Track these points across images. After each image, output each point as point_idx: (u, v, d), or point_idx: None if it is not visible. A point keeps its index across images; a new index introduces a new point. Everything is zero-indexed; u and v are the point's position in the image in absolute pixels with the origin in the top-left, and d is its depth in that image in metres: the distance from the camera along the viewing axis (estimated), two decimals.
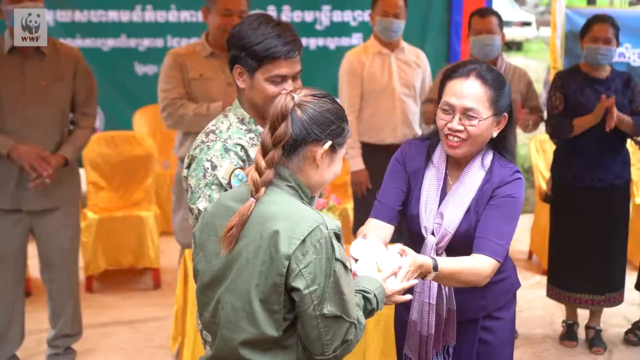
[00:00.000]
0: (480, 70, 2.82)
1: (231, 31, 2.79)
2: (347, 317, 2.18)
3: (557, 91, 4.92)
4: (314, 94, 2.30)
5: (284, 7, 7.30)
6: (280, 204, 2.22)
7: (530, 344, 5.14)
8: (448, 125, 2.79)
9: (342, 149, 2.34)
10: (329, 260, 2.15)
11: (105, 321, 5.36)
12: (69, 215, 4.51)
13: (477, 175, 2.87)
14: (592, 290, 4.96)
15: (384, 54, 5.34)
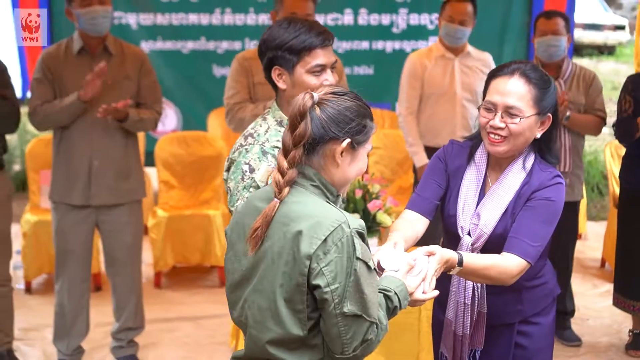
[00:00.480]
0: (524, 69, 2.80)
1: (262, 37, 2.85)
2: (368, 316, 2.19)
3: (627, 94, 4.82)
4: (334, 91, 2.32)
5: (360, 10, 7.35)
6: (304, 204, 2.24)
7: (594, 352, 5.03)
8: (490, 123, 2.79)
9: (365, 146, 2.34)
10: (350, 259, 2.17)
11: (170, 316, 5.49)
12: (133, 211, 4.64)
13: (517, 177, 2.85)
14: None
15: (447, 58, 5.34)
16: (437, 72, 5.33)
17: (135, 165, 4.63)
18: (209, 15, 7.23)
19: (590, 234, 7.25)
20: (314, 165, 2.30)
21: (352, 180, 2.37)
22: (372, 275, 2.23)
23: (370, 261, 2.23)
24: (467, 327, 2.90)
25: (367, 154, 2.38)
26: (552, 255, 5.11)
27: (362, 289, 2.17)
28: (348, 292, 2.16)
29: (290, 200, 2.26)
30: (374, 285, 2.24)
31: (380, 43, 7.42)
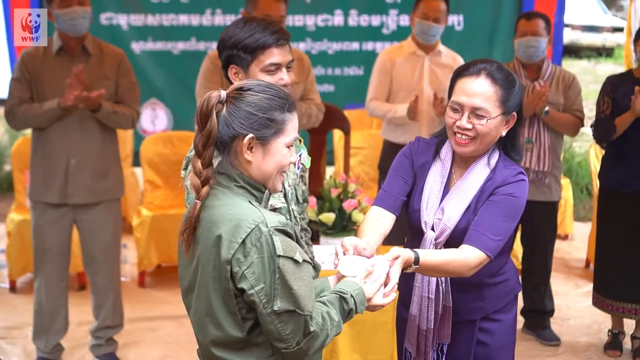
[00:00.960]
0: (490, 70, 2.81)
1: (220, 36, 2.88)
2: (301, 310, 2.20)
3: (606, 96, 4.85)
4: (240, 86, 2.29)
5: (350, 11, 7.36)
6: (225, 206, 2.24)
7: (573, 351, 5.05)
8: (457, 124, 2.81)
9: (278, 140, 2.29)
10: (272, 258, 2.18)
11: (153, 315, 5.51)
12: (111, 210, 4.67)
13: (482, 173, 2.88)
14: (637, 300, 4.84)
15: (417, 55, 5.34)
16: (406, 69, 5.33)
17: (113, 163, 4.66)
18: (199, 16, 7.25)
19: (577, 235, 7.26)
20: (234, 164, 2.29)
21: (274, 174, 2.32)
22: (302, 269, 2.22)
23: (298, 254, 2.21)
24: (431, 322, 2.93)
25: (287, 146, 2.32)
26: (530, 255, 5.20)
27: (289, 285, 2.18)
28: (275, 290, 2.18)
29: (215, 204, 2.26)
30: (305, 278, 2.23)
31: (370, 44, 7.44)
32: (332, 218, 4.34)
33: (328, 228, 4.39)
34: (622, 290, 4.86)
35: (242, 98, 2.26)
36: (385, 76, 5.34)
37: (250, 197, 2.29)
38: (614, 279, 4.90)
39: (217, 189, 2.29)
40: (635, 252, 4.80)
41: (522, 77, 4.98)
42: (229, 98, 2.26)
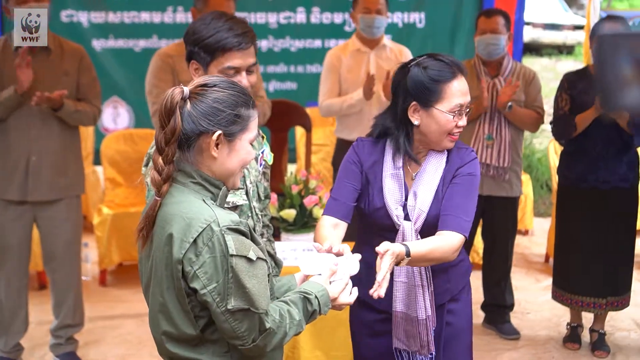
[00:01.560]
0: (460, 65, 2.90)
1: (186, 29, 2.86)
2: (256, 308, 2.19)
3: (564, 92, 4.89)
4: (205, 83, 2.27)
5: (313, 8, 7.37)
6: (178, 204, 2.23)
7: (532, 345, 5.10)
8: (459, 124, 2.89)
9: (242, 136, 2.28)
10: (224, 257, 2.16)
11: (114, 314, 5.48)
12: (71, 207, 4.64)
13: (442, 157, 2.96)
14: (595, 294, 4.89)
15: (362, 52, 5.36)
16: (352, 66, 5.34)
17: (74, 160, 4.63)
18: (161, 14, 7.21)
19: (537, 230, 7.34)
20: (192, 161, 2.27)
21: (236, 171, 2.32)
22: (255, 267, 2.21)
23: (251, 252, 2.19)
24: (429, 309, 2.96)
25: (250, 143, 2.32)
26: (491, 250, 5.25)
27: (243, 284, 2.17)
28: (229, 289, 2.16)
29: (169, 202, 2.25)
30: (259, 275, 2.22)
31: (332, 41, 7.43)
32: (293, 214, 4.36)
33: (289, 224, 4.40)
34: (580, 284, 4.92)
35: (208, 94, 2.24)
36: (335, 75, 5.35)
37: (206, 193, 2.27)
38: (572, 273, 4.96)
39: (173, 185, 2.27)
40: (593, 246, 4.86)
41: (483, 73, 5.02)
42: (192, 94, 2.24)
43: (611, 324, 5.27)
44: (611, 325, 5.27)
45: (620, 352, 5.02)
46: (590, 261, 4.87)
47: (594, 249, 4.86)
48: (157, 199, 2.25)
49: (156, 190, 2.25)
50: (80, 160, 4.74)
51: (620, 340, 5.20)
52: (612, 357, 4.96)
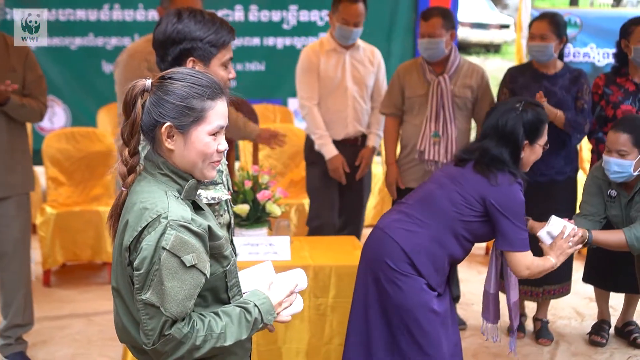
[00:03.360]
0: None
1: (173, 28, 2.87)
2: (165, 310, 2.17)
3: (505, 87, 5.02)
4: (167, 75, 2.29)
5: (251, 6, 7.40)
6: (141, 193, 2.25)
7: (479, 335, 5.19)
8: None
9: (199, 128, 2.27)
10: (158, 248, 2.16)
11: (61, 314, 5.42)
12: (21, 205, 4.57)
13: None
14: (531, 282, 5.03)
15: (338, 52, 5.40)
16: (329, 65, 5.38)
17: (22, 158, 4.56)
18: (97, 11, 7.15)
19: None
20: (159, 152, 2.30)
21: (197, 163, 2.30)
22: (186, 273, 2.19)
23: (189, 257, 2.18)
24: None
25: (212, 134, 2.29)
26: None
27: (163, 281, 2.16)
28: (151, 280, 2.16)
29: (134, 190, 2.28)
30: (187, 283, 2.19)
31: (271, 39, 7.49)
32: (247, 209, 4.38)
33: (242, 220, 4.42)
34: None
35: (163, 87, 2.26)
36: (313, 74, 5.37)
37: (173, 185, 2.28)
38: None
39: (142, 175, 2.30)
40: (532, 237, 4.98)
41: (427, 71, 5.07)
42: (153, 87, 2.27)
43: (553, 313, 5.43)
44: (553, 314, 5.44)
45: (563, 339, 5.19)
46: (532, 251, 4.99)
47: (535, 240, 4.98)
48: (123, 189, 2.29)
49: (122, 181, 2.28)
50: (29, 158, 4.68)
51: (562, 328, 5.37)
52: (555, 344, 5.12)
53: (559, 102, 4.85)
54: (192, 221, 2.21)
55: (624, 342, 5.14)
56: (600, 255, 5.02)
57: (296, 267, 4.17)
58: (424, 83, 5.07)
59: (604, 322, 5.20)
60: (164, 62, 2.91)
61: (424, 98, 5.05)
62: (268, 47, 7.49)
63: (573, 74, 5.01)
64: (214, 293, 2.35)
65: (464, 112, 5.12)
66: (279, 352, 4.36)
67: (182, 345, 2.21)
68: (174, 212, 2.19)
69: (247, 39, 7.43)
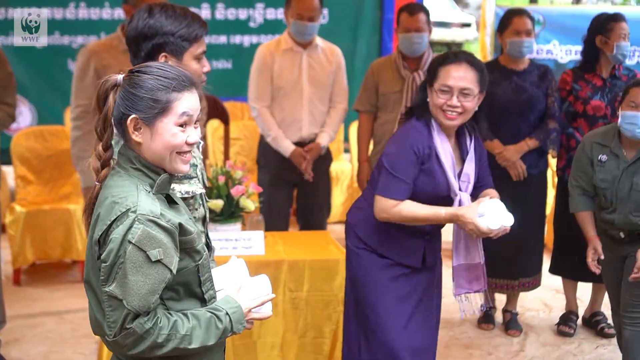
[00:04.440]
0: (468, 57, 3.50)
1: (144, 24, 2.87)
2: (127, 303, 2.17)
3: None
4: (137, 69, 2.32)
5: (217, 4, 7.40)
6: (113, 188, 2.26)
7: (449, 327, 5.30)
8: (447, 103, 3.45)
9: (165, 120, 2.27)
10: (124, 242, 2.17)
11: (32, 313, 5.40)
12: None
13: (468, 139, 3.62)
14: (508, 275, 5.12)
15: (295, 51, 5.25)
16: (285, 65, 5.24)
17: None
18: (62, 10, 7.09)
19: None
20: (131, 146, 2.31)
21: (166, 156, 2.30)
22: (151, 267, 2.19)
23: (155, 252, 2.18)
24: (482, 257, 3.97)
25: (180, 125, 2.28)
26: None
27: (127, 274, 2.17)
28: (115, 272, 2.17)
29: (107, 184, 2.29)
30: (151, 277, 2.19)
31: (238, 37, 7.50)
32: (220, 205, 4.39)
33: (216, 215, 4.43)
34: (494, 267, 5.09)
35: (131, 80, 2.28)
36: (266, 74, 5.22)
37: (146, 179, 2.30)
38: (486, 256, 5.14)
39: (115, 169, 2.31)
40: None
41: (402, 68, 5.12)
42: (123, 82, 2.29)
43: (521, 305, 5.52)
44: (521, 306, 5.52)
45: (531, 331, 5.29)
46: (503, 244, 5.06)
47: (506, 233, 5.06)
48: (96, 183, 2.31)
49: (96, 176, 2.30)
50: None
51: (531, 319, 5.47)
52: (525, 335, 5.22)
53: (530, 98, 4.94)
54: (161, 216, 2.22)
55: (591, 332, 5.25)
56: (567, 246, 5.14)
57: (271, 261, 4.26)
58: (398, 79, 5.10)
59: (572, 312, 5.30)
60: (137, 58, 2.92)
61: (399, 94, 5.08)
62: (235, 45, 7.49)
63: (540, 70, 5.10)
64: (186, 287, 2.36)
65: None
66: (254, 346, 4.37)
67: (143, 340, 2.21)
68: (143, 206, 2.20)
69: (214, 37, 7.42)
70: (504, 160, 4.96)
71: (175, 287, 2.31)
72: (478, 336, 5.19)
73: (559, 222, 5.27)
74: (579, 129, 5.05)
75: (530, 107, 5.00)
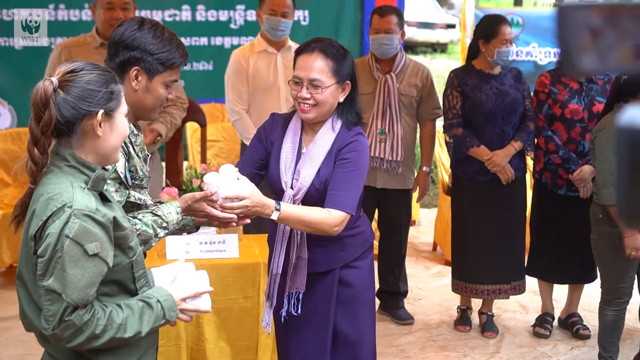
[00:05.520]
0: (322, 46, 3.21)
1: (130, 34, 2.87)
2: (66, 296, 2.21)
3: (454, 90, 5.03)
4: (72, 69, 2.33)
5: (198, 6, 7.39)
6: (48, 185, 2.28)
7: (426, 329, 5.32)
8: (298, 94, 3.22)
9: (119, 110, 2.38)
10: (62, 236, 2.20)
11: (6, 315, 5.36)
12: None
13: (328, 137, 3.27)
14: (498, 280, 5.13)
15: (269, 53, 5.28)
16: (260, 67, 5.26)
17: None
18: (42, 11, 7.06)
19: (424, 221, 7.60)
20: (72, 145, 2.32)
21: (118, 146, 2.41)
22: (89, 261, 2.23)
23: (92, 246, 2.22)
24: (280, 267, 3.30)
25: (125, 116, 2.42)
26: (386, 239, 5.42)
27: (65, 268, 2.21)
28: (53, 267, 2.21)
29: (40, 183, 2.31)
30: (89, 270, 2.24)
31: (219, 39, 7.49)
32: None
33: None
34: (483, 273, 5.12)
35: (79, 79, 2.30)
36: (242, 78, 5.23)
37: (80, 176, 2.31)
38: (467, 262, 5.17)
39: (50, 168, 2.32)
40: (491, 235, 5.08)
41: (375, 69, 5.13)
42: (62, 83, 2.29)
43: (497, 306, 5.53)
44: (498, 307, 5.54)
45: (508, 332, 5.31)
46: (493, 249, 5.08)
47: (495, 238, 5.08)
48: (31, 187, 2.32)
49: (32, 179, 2.31)
50: None
51: (507, 321, 5.49)
52: (501, 337, 5.23)
53: (513, 101, 4.99)
54: (97, 211, 2.26)
55: (567, 333, 5.27)
56: (542, 247, 5.17)
57: (247, 264, 4.26)
58: (371, 81, 5.12)
59: (548, 314, 5.32)
60: (111, 60, 2.92)
61: (371, 96, 5.10)
62: (215, 46, 7.48)
63: (513, 73, 5.14)
64: (120, 284, 2.40)
65: (409, 111, 5.19)
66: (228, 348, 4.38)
67: (82, 332, 2.26)
68: (79, 201, 2.23)
69: (194, 39, 7.40)
70: (494, 166, 4.97)
71: (109, 284, 2.35)
72: (455, 338, 5.20)
73: (534, 224, 5.29)
74: (556, 132, 5.07)
75: (514, 110, 5.03)
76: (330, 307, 3.36)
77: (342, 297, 3.36)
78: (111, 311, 2.30)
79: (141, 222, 2.81)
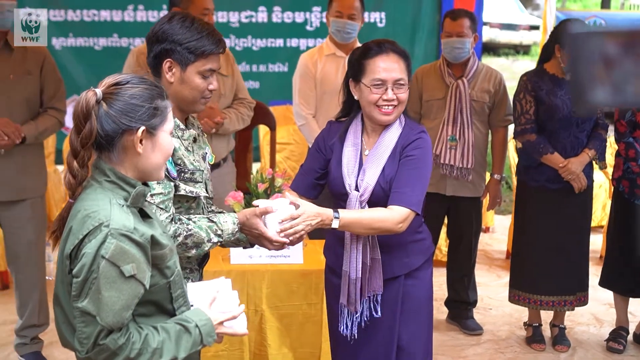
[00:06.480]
0: (393, 47, 3.23)
1: (160, 27, 2.89)
2: (101, 319, 2.15)
3: (527, 94, 4.85)
4: (117, 82, 2.27)
5: (274, 8, 7.41)
6: (86, 201, 2.22)
7: (495, 340, 5.19)
8: (383, 97, 3.16)
9: (163, 128, 2.31)
10: (97, 257, 2.14)
11: None
12: (36, 207, 4.60)
13: (394, 134, 3.24)
14: (564, 292, 4.97)
15: (337, 56, 5.22)
16: (328, 70, 5.20)
17: (36, 160, 4.60)
18: (121, 12, 7.25)
19: (498, 227, 7.45)
20: (112, 160, 2.26)
21: (161, 165, 2.33)
22: (125, 283, 2.17)
23: (128, 268, 2.16)
24: (359, 271, 3.22)
25: (170, 133, 2.34)
26: (455, 248, 5.31)
27: (100, 290, 2.14)
28: (88, 288, 2.15)
29: (79, 198, 2.25)
30: (125, 293, 2.17)
31: (294, 40, 7.50)
32: None
33: None
34: (546, 284, 4.97)
35: (123, 92, 2.24)
36: (309, 81, 5.20)
37: (120, 192, 2.26)
38: (530, 273, 5.02)
39: (90, 182, 2.27)
40: (554, 244, 4.92)
41: (447, 74, 5.03)
42: (106, 95, 2.23)
43: (571, 319, 5.37)
44: (571, 320, 5.38)
45: (580, 346, 5.13)
46: (557, 260, 4.93)
47: (560, 247, 4.92)
48: (70, 201, 2.27)
49: (70, 193, 2.26)
50: (43, 160, 4.72)
51: (580, 334, 5.31)
52: (573, 351, 5.06)
53: None
54: (135, 230, 2.19)
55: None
56: (618, 259, 4.99)
57: (312, 270, 4.22)
58: (442, 86, 5.03)
59: (622, 328, 5.14)
60: (148, 57, 2.95)
61: (442, 101, 5.01)
62: (291, 48, 7.50)
63: None
64: (157, 304, 2.34)
65: (481, 117, 5.08)
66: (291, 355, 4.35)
67: (116, 356, 2.20)
68: (116, 220, 2.18)
69: (270, 40, 7.45)
70: (569, 174, 4.82)
71: (147, 304, 2.29)
72: (524, 351, 5.04)
73: (612, 234, 5.12)
74: (638, 140, 4.89)
75: (589, 117, 4.86)
76: (396, 320, 3.30)
77: (405, 308, 3.31)
78: (147, 334, 2.24)
79: (195, 224, 2.81)
